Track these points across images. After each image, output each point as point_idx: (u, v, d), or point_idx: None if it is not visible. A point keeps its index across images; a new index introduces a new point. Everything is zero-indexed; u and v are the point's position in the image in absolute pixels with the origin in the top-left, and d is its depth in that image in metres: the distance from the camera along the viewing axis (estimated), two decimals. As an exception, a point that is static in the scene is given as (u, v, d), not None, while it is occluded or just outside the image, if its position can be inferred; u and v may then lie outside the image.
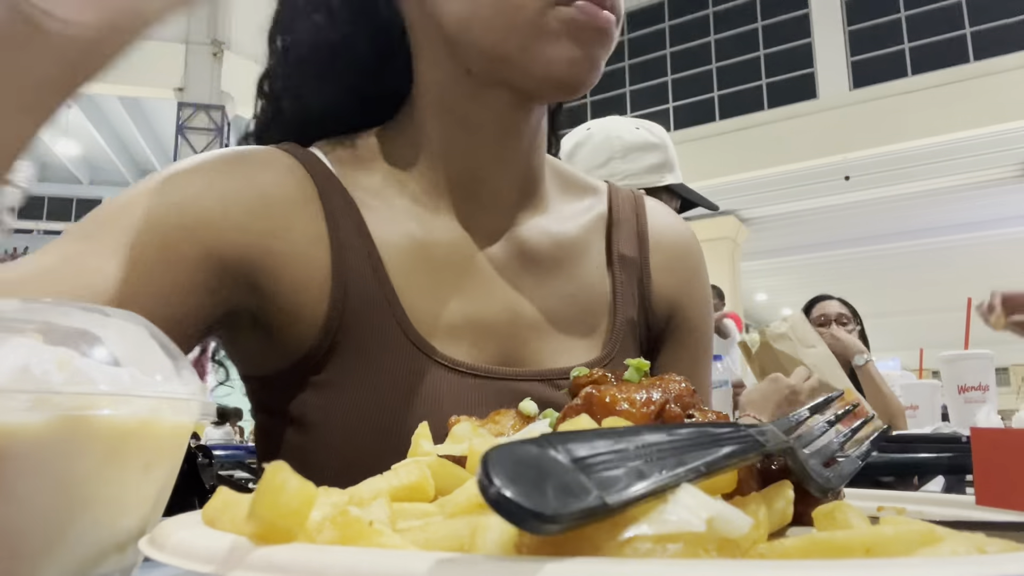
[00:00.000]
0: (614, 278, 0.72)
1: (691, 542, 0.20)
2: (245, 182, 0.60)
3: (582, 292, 0.70)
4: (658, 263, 0.74)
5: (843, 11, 9.72)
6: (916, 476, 1.91)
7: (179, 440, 0.32)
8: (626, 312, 0.71)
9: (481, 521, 0.22)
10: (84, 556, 0.29)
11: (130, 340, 0.33)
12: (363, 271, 0.61)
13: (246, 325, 0.62)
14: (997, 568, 0.17)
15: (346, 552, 0.20)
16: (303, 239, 0.61)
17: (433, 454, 0.33)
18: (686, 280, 0.76)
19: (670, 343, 0.75)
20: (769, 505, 0.27)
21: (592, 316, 0.69)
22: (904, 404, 2.18)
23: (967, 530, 0.24)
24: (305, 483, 0.22)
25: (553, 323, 0.67)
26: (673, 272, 0.75)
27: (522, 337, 0.66)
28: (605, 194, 0.77)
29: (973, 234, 10.04)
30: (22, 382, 0.27)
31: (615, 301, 0.71)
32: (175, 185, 0.58)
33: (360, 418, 0.59)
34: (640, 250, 0.74)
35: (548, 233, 0.70)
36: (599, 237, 0.73)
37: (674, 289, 0.75)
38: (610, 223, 0.74)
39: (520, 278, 0.67)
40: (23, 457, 0.27)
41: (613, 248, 0.73)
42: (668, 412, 0.33)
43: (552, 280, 0.68)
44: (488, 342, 0.64)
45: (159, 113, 10.61)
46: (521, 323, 0.66)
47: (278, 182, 0.61)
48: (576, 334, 0.68)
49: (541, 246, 0.69)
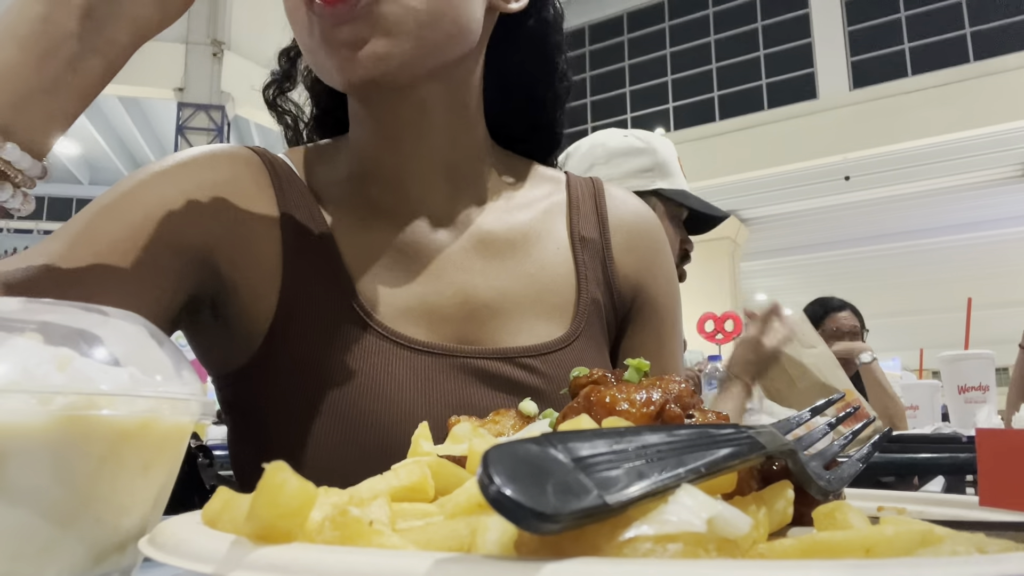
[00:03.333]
0: (576, 259, 0.72)
1: (691, 542, 0.20)
2: (206, 175, 0.64)
3: (542, 272, 0.70)
4: (619, 244, 0.75)
5: (843, 11, 9.72)
6: (916, 476, 1.91)
7: (179, 440, 0.32)
8: (590, 292, 0.71)
9: (481, 521, 0.22)
10: (85, 556, 0.29)
11: (129, 340, 0.33)
12: (316, 257, 0.64)
13: (207, 317, 0.64)
14: (997, 568, 0.17)
15: (346, 552, 0.20)
16: (258, 227, 0.64)
17: (433, 454, 0.33)
18: (648, 259, 0.77)
19: (636, 323, 0.76)
20: (769, 505, 0.27)
21: (554, 295, 0.70)
22: (904, 404, 2.18)
23: (967, 530, 0.24)
24: (305, 483, 0.22)
25: (511, 303, 0.68)
26: (635, 252, 0.76)
27: (478, 317, 0.66)
28: (563, 183, 0.78)
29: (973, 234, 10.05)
30: (23, 382, 0.27)
31: (579, 281, 0.71)
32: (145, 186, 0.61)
33: (319, 400, 0.60)
34: (601, 232, 0.75)
35: (501, 219, 0.71)
36: (559, 222, 0.74)
37: (637, 269, 0.75)
38: (569, 207, 0.75)
39: (472, 261, 0.68)
40: (24, 457, 0.27)
41: (574, 231, 0.74)
42: (668, 412, 0.33)
43: (507, 262, 0.69)
44: (443, 323, 0.65)
45: (159, 113, 10.60)
46: (476, 303, 0.67)
47: (236, 173, 0.65)
48: (537, 313, 0.68)
49: (494, 230, 0.70)
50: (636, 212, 0.78)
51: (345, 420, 0.60)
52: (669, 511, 0.21)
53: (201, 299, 0.62)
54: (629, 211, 0.78)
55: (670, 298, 0.78)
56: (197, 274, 0.61)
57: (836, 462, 0.35)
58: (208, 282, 0.62)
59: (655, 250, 0.78)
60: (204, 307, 0.63)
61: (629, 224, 0.77)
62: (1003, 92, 8.21)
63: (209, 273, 0.62)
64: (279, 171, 0.67)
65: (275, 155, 0.70)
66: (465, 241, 0.69)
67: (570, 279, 0.71)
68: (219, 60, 8.35)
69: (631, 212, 0.78)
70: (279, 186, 0.66)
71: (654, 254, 0.78)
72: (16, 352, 0.27)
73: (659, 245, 0.79)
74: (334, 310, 0.62)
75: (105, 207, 0.59)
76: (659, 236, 0.79)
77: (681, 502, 0.21)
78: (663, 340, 0.77)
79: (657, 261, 0.78)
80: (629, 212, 0.78)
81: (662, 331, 0.77)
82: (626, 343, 0.76)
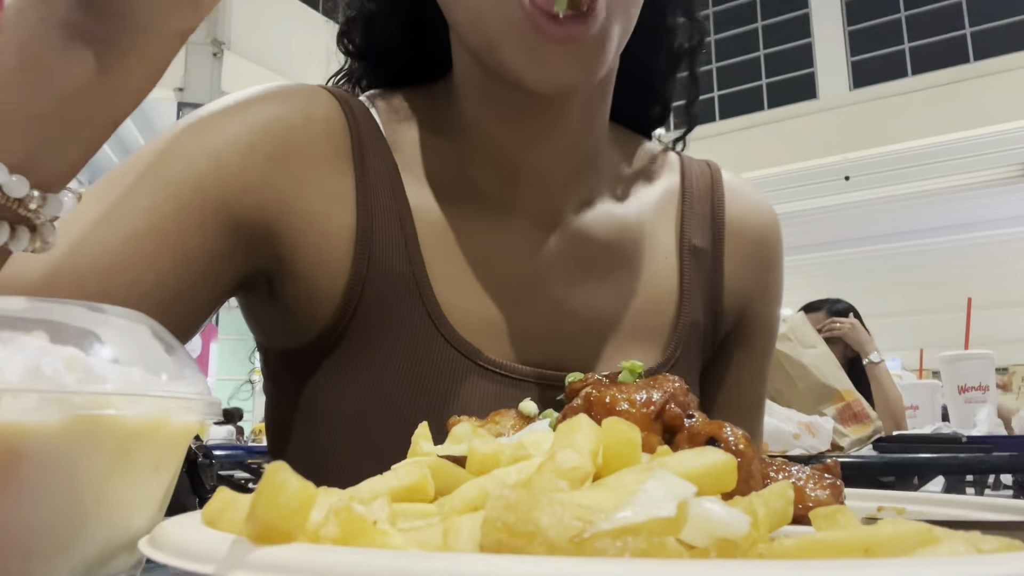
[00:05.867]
0: (682, 271, 0.63)
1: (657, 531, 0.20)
2: (270, 124, 0.54)
3: (645, 288, 0.62)
4: (734, 252, 0.66)
5: (843, 11, 9.71)
6: (916, 476, 1.91)
7: (187, 440, 0.32)
8: (692, 312, 0.63)
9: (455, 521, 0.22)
10: (96, 555, 0.29)
11: (133, 339, 0.33)
12: (393, 243, 0.55)
13: (263, 295, 0.57)
14: (996, 568, 0.17)
15: (346, 552, 0.20)
16: (327, 198, 0.54)
17: (433, 454, 0.33)
18: (763, 271, 0.67)
19: (738, 345, 0.67)
20: (768, 505, 0.27)
21: (654, 315, 0.62)
22: (904, 404, 2.18)
23: (966, 530, 0.24)
24: (305, 483, 0.22)
25: (607, 323, 0.60)
26: (750, 262, 0.67)
27: (571, 338, 0.59)
28: (678, 168, 0.68)
29: (973, 234, 10.03)
30: (35, 382, 0.27)
31: (681, 299, 0.63)
32: (195, 140, 0.53)
33: (371, 409, 0.55)
34: (714, 238, 0.65)
35: (611, 216, 0.62)
36: (669, 220, 0.65)
37: (749, 284, 0.67)
38: (683, 203, 0.66)
39: (574, 271, 0.60)
40: (37, 457, 0.27)
41: (684, 237, 0.64)
42: (668, 412, 0.33)
43: (612, 273, 0.61)
44: (529, 340, 0.57)
45: (159, 113, 10.57)
46: (571, 322, 0.59)
47: (306, 128, 0.55)
48: (634, 336, 0.60)
49: (601, 233, 0.61)
50: (757, 212, 0.68)
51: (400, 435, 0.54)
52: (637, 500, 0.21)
53: (256, 276, 0.55)
54: (750, 211, 0.68)
55: (776, 318, 0.70)
56: (251, 251, 0.53)
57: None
58: (265, 260, 0.54)
59: (772, 260, 0.68)
60: (260, 281, 0.56)
61: (748, 228, 0.67)
62: (1003, 92, 8.20)
63: (266, 251, 0.54)
64: (361, 127, 0.57)
65: (359, 104, 0.59)
66: (569, 245, 0.60)
67: (672, 297, 0.63)
68: (219, 60, 8.34)
69: (752, 212, 0.68)
70: (359, 148, 0.56)
71: (770, 265, 0.68)
72: (26, 351, 0.27)
73: (776, 255, 0.69)
74: (407, 314, 0.54)
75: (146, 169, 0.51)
76: (778, 242, 0.70)
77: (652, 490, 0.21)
78: (761, 364, 0.69)
79: (772, 274, 0.69)
80: (749, 213, 0.68)
81: (768, 352, 0.69)
82: (725, 365, 0.67)
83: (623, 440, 0.27)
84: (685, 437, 0.33)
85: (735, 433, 0.33)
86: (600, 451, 0.27)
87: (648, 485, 0.21)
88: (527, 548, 0.19)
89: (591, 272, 0.60)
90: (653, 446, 0.32)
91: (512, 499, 0.20)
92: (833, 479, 0.34)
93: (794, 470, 0.34)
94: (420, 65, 0.64)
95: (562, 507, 0.20)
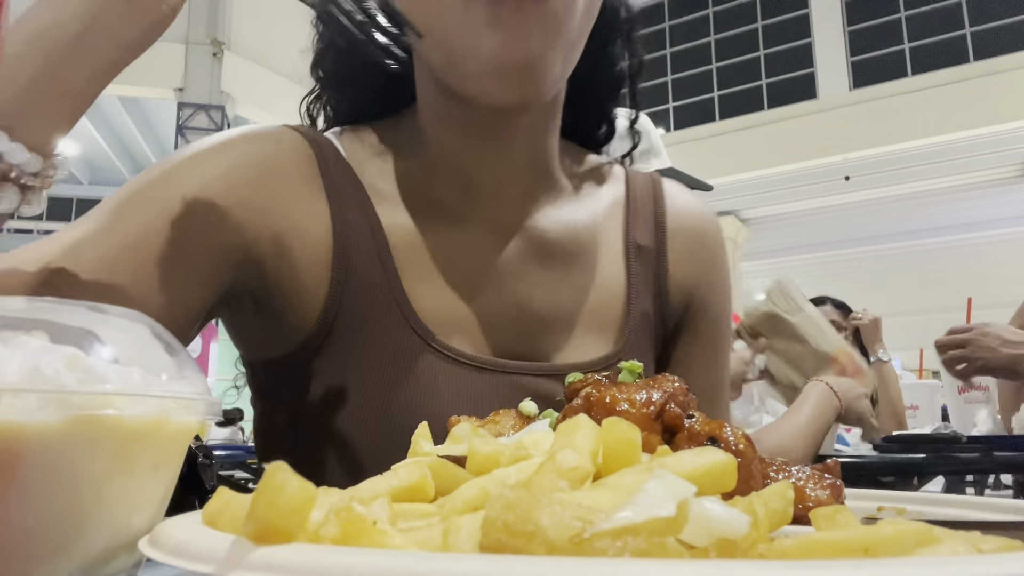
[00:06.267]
0: (629, 269, 0.69)
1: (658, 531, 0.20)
2: (247, 157, 0.60)
3: (597, 284, 0.68)
4: (677, 250, 0.72)
5: (843, 11, 9.72)
6: (916, 476, 1.91)
7: (187, 440, 0.32)
8: (641, 305, 0.69)
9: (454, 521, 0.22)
10: (96, 555, 0.29)
11: (133, 339, 0.33)
12: (367, 254, 0.60)
13: (248, 308, 0.61)
14: (995, 568, 0.17)
15: (346, 552, 0.20)
16: (304, 216, 0.60)
17: (433, 454, 0.33)
18: (705, 266, 0.73)
19: (688, 332, 0.73)
20: (768, 505, 0.27)
21: (606, 309, 0.67)
22: (904, 404, 2.19)
23: (966, 530, 0.24)
24: (305, 483, 0.22)
25: (565, 317, 0.65)
26: (692, 258, 0.73)
27: (532, 331, 0.64)
28: (622, 179, 0.75)
29: (973, 234, 10.04)
30: (35, 382, 0.27)
31: (629, 294, 0.69)
32: (185, 172, 0.58)
33: (356, 406, 0.59)
34: (657, 238, 0.72)
35: (562, 222, 0.68)
36: (616, 223, 0.71)
37: (693, 277, 0.72)
38: (627, 209, 0.72)
39: (532, 271, 0.65)
40: (37, 457, 0.27)
41: (629, 237, 0.71)
42: (668, 412, 0.33)
43: (566, 271, 0.67)
44: (495, 335, 0.63)
45: (159, 113, 10.60)
46: (531, 316, 0.64)
47: (279, 157, 0.61)
48: (589, 328, 0.66)
49: (555, 236, 0.67)
50: (696, 215, 0.75)
51: (382, 432, 0.58)
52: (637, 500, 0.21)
53: (240, 292, 0.60)
54: (689, 213, 0.74)
55: (724, 306, 0.75)
56: (237, 268, 0.58)
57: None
58: (249, 277, 0.59)
59: (713, 256, 0.75)
60: (244, 298, 0.61)
61: (688, 228, 0.73)
62: (1003, 92, 8.20)
63: (250, 268, 0.59)
64: (327, 155, 0.63)
65: (323, 138, 0.65)
66: (527, 248, 0.66)
67: (621, 291, 0.69)
68: (219, 60, 8.34)
69: (691, 214, 0.74)
70: (327, 172, 0.62)
71: (712, 260, 0.74)
72: (24, 351, 0.27)
73: (718, 251, 0.75)
74: (383, 316, 0.59)
75: (139, 191, 0.56)
76: (718, 241, 0.76)
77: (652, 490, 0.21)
78: (716, 350, 0.74)
79: (714, 268, 0.74)
80: (689, 214, 0.74)
81: (716, 340, 0.74)
82: (677, 353, 0.73)
83: (623, 440, 0.27)
84: (685, 437, 0.33)
85: (735, 433, 0.33)
86: (600, 451, 0.27)
87: (648, 485, 0.21)
88: (527, 548, 0.19)
89: (548, 272, 0.66)
90: (653, 446, 0.32)
91: (512, 499, 0.20)
92: (833, 479, 0.34)
93: (794, 470, 0.34)
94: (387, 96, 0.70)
95: (562, 507, 0.20)
